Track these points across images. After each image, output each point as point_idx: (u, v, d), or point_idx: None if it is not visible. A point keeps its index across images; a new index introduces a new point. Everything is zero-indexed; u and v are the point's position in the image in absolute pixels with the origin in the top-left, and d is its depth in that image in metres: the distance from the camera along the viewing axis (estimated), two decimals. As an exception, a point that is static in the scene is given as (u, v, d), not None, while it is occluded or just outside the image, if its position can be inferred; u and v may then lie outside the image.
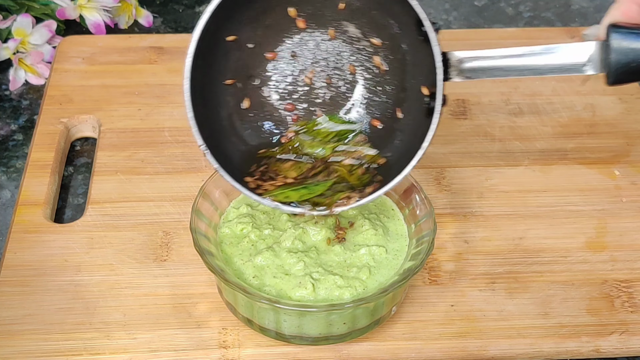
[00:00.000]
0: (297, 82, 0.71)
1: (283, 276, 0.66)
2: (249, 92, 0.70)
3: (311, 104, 0.72)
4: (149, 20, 1.04)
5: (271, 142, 0.71)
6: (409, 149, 0.66)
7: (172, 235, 0.76)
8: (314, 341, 0.67)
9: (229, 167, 0.67)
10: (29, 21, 0.94)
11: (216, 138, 0.67)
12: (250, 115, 0.71)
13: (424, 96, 0.66)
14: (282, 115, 0.71)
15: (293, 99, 0.71)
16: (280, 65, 0.71)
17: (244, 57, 0.69)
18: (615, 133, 0.88)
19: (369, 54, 0.70)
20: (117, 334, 0.68)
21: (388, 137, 0.70)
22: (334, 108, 0.71)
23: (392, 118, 0.70)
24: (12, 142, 0.89)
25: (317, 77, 0.71)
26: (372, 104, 0.71)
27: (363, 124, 0.71)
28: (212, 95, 0.68)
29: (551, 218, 0.79)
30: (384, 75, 0.70)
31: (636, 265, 0.75)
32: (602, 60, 0.64)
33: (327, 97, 0.71)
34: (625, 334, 0.70)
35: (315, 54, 0.70)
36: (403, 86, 0.69)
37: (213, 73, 0.68)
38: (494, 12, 1.10)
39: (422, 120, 0.66)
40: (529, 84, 0.93)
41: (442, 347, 0.68)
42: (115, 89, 0.91)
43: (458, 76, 0.65)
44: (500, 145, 0.86)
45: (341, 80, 0.71)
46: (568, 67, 0.65)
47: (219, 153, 0.66)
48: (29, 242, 0.75)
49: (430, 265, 0.74)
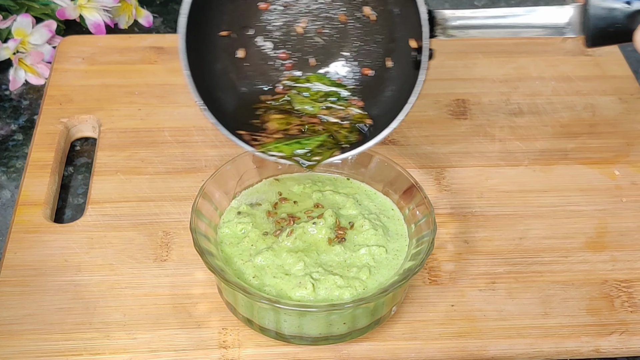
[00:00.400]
0: (290, 32, 0.72)
1: (283, 276, 0.66)
2: (243, 42, 0.72)
3: (304, 53, 0.73)
4: (149, 20, 1.04)
5: (265, 93, 0.72)
6: (397, 103, 0.67)
7: (172, 235, 0.76)
8: (314, 341, 0.67)
9: (224, 121, 0.68)
10: (29, 21, 0.94)
11: (212, 94, 0.69)
12: (246, 65, 0.72)
13: (412, 49, 0.68)
14: (276, 64, 0.72)
15: (287, 47, 0.72)
16: (273, 15, 0.72)
17: (238, 9, 0.70)
18: (615, 133, 0.88)
19: (359, 3, 0.71)
20: (117, 334, 0.68)
21: (378, 87, 0.71)
22: (327, 57, 0.73)
23: (382, 67, 0.71)
24: (12, 142, 0.89)
25: (310, 26, 0.72)
26: (362, 52, 0.72)
27: (352, 83, 0.72)
28: (207, 49, 0.69)
29: (551, 218, 0.79)
30: (374, 25, 0.71)
31: (636, 265, 0.75)
32: (581, 23, 0.65)
33: (320, 45, 0.72)
34: (625, 334, 0.69)
35: (307, 4, 0.71)
36: (392, 37, 0.70)
37: (207, 27, 0.69)
38: (494, 12, 1.10)
39: (410, 72, 0.67)
40: (529, 84, 0.93)
41: (442, 347, 0.68)
42: (116, 89, 0.91)
43: (443, 34, 0.67)
44: (500, 145, 0.86)
45: (333, 29, 0.72)
46: (548, 27, 0.67)
47: (214, 109, 0.68)
48: (29, 242, 0.75)
49: (430, 265, 0.74)
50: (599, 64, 0.95)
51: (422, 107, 0.89)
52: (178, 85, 0.91)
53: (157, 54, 0.95)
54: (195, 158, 0.83)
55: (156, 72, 0.93)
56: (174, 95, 0.90)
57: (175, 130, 0.86)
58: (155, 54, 0.95)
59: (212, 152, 0.83)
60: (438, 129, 0.87)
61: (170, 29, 1.05)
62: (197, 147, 0.84)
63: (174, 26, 1.05)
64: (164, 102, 0.89)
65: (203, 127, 0.86)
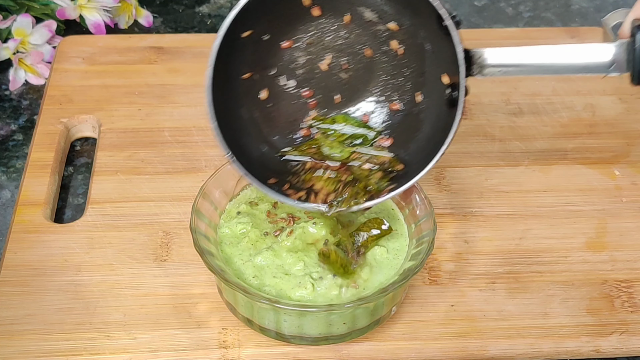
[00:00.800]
0: (314, 69, 0.70)
1: (283, 276, 0.66)
2: (266, 83, 0.70)
3: (329, 90, 0.71)
4: (149, 20, 1.04)
5: (292, 138, 0.71)
6: (429, 142, 0.66)
7: (172, 235, 0.76)
8: (314, 341, 0.67)
9: (252, 168, 0.66)
10: (29, 21, 0.94)
11: (238, 141, 0.67)
12: (269, 106, 0.70)
13: (443, 84, 0.66)
14: (300, 102, 0.71)
15: (311, 85, 0.70)
16: (296, 54, 0.70)
17: (260, 50, 0.68)
18: (615, 133, 0.88)
19: (386, 37, 0.69)
20: (117, 334, 0.68)
21: (407, 125, 0.69)
22: (353, 93, 0.71)
23: (411, 102, 0.69)
24: (12, 142, 0.89)
25: (334, 63, 0.70)
26: (389, 87, 0.70)
27: (381, 122, 0.71)
28: (231, 95, 0.68)
29: (551, 218, 0.79)
30: (401, 59, 0.69)
31: (636, 265, 0.75)
32: (628, 61, 0.63)
33: (345, 82, 0.71)
34: (625, 334, 0.70)
35: (331, 40, 0.69)
36: (421, 71, 0.69)
37: (230, 72, 0.67)
38: (494, 12, 1.10)
39: (442, 109, 0.66)
40: (529, 84, 0.93)
41: (442, 347, 0.68)
42: (116, 89, 0.91)
43: (480, 73, 0.65)
44: (500, 145, 0.86)
45: (359, 64, 0.70)
46: (592, 68, 0.64)
47: (241, 157, 0.66)
48: (29, 242, 0.75)
49: (430, 265, 0.74)
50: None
51: (422, 107, 0.89)
52: (178, 85, 0.91)
53: (157, 54, 0.95)
54: (195, 158, 0.83)
55: (156, 72, 0.93)
56: (174, 95, 0.90)
57: (175, 130, 0.86)
58: (155, 54, 0.95)
59: (212, 152, 0.83)
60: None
61: (170, 29, 1.05)
62: (197, 147, 0.84)
63: (174, 26, 1.05)
64: (164, 102, 0.89)
65: (203, 127, 0.86)
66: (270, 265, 0.67)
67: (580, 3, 1.12)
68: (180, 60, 0.95)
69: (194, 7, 1.09)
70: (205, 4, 1.09)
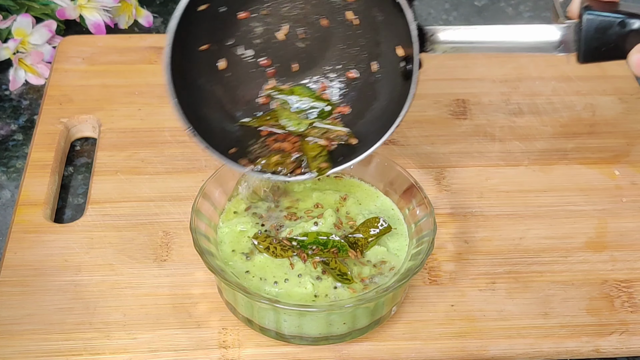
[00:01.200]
0: (271, 39, 0.71)
1: (283, 275, 0.66)
2: (224, 53, 0.70)
3: (287, 59, 0.71)
4: (149, 20, 1.04)
5: (251, 108, 0.71)
6: (385, 114, 0.67)
7: (172, 235, 0.76)
8: (314, 341, 0.67)
9: (215, 141, 0.67)
10: (29, 21, 0.94)
11: (198, 113, 0.68)
12: (228, 76, 0.70)
13: (398, 56, 0.67)
14: (258, 72, 0.71)
15: (268, 54, 0.71)
16: (253, 24, 0.70)
17: (217, 21, 0.69)
18: (615, 133, 0.88)
19: (341, 8, 0.69)
20: (117, 334, 0.68)
21: (364, 96, 0.70)
22: (310, 62, 0.71)
23: (367, 71, 0.70)
24: (12, 142, 0.89)
25: (291, 32, 0.70)
26: (346, 56, 0.71)
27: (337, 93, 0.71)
28: (189, 67, 0.68)
29: (551, 218, 0.79)
30: (357, 30, 0.70)
31: (636, 265, 0.75)
32: (574, 41, 0.65)
33: (302, 50, 0.71)
34: (625, 334, 0.70)
35: (287, 11, 0.70)
36: (377, 41, 0.69)
37: (188, 45, 0.67)
38: (494, 12, 1.10)
39: (397, 81, 0.67)
40: (529, 84, 0.93)
41: (442, 347, 0.68)
42: (116, 89, 0.91)
43: (433, 50, 0.66)
44: (500, 145, 0.86)
45: (315, 34, 0.71)
46: (541, 47, 0.66)
47: (203, 129, 0.67)
48: (29, 242, 0.75)
49: (430, 265, 0.74)
50: (599, 64, 0.95)
51: (422, 107, 0.89)
52: (178, 85, 0.91)
53: (157, 54, 0.95)
54: (195, 158, 0.83)
55: (156, 72, 0.93)
56: (174, 95, 0.90)
57: (175, 130, 0.86)
58: (155, 54, 0.95)
59: (212, 152, 0.83)
60: (438, 129, 0.87)
61: (170, 29, 1.05)
62: (197, 147, 0.84)
63: (174, 26, 1.05)
64: (164, 102, 0.89)
65: (203, 127, 0.86)
66: (270, 265, 0.67)
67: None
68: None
69: (194, 7, 1.09)
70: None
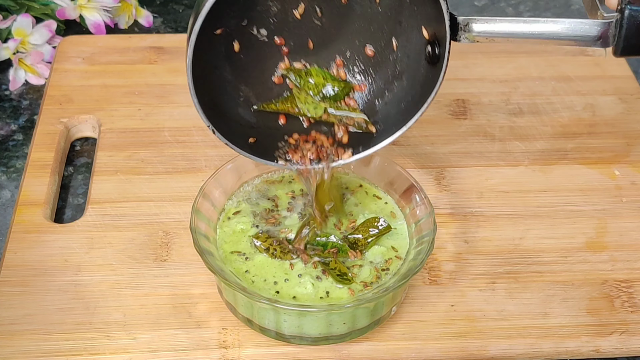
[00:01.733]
0: (287, 17, 0.69)
1: (283, 275, 0.66)
2: (237, 35, 0.68)
3: (303, 37, 0.70)
4: (149, 20, 1.04)
5: (267, 90, 0.70)
6: (406, 101, 0.66)
7: (172, 235, 0.76)
8: (314, 341, 0.67)
9: (234, 134, 0.67)
10: (29, 21, 0.94)
11: (215, 101, 0.67)
12: (243, 57, 0.69)
13: (423, 37, 0.66)
14: (273, 50, 0.70)
15: (283, 33, 0.69)
16: (269, 2, 0.68)
17: (231, 3, 0.67)
18: (615, 133, 0.88)
19: None
20: (117, 334, 0.68)
21: (384, 74, 0.69)
22: (327, 40, 0.70)
23: (386, 50, 0.69)
24: (12, 142, 0.89)
25: (307, 10, 0.69)
26: (364, 34, 0.69)
27: (355, 76, 0.70)
28: (206, 57, 0.66)
29: (551, 218, 0.79)
30: (378, 6, 0.68)
31: (636, 265, 0.75)
32: (613, 36, 0.64)
33: (319, 29, 0.69)
34: (625, 334, 0.70)
35: None
36: (398, 20, 0.68)
37: (205, 35, 0.64)
38: (494, 12, 1.10)
39: (421, 64, 0.65)
40: (529, 84, 0.93)
41: (442, 347, 0.68)
42: (116, 89, 0.91)
43: (466, 38, 0.66)
44: (500, 145, 0.86)
45: (333, 11, 0.69)
46: (579, 40, 0.65)
47: (222, 124, 0.66)
48: (29, 242, 0.75)
49: (430, 265, 0.74)
50: (599, 64, 0.95)
51: (422, 107, 0.89)
52: (178, 85, 0.91)
53: (157, 54, 0.95)
54: (195, 158, 0.83)
55: (156, 72, 0.93)
56: (174, 95, 0.90)
57: (175, 130, 0.86)
58: (155, 54, 0.95)
59: (212, 152, 0.83)
60: (438, 129, 0.87)
61: (170, 29, 1.05)
62: (197, 147, 0.84)
63: (174, 26, 1.05)
64: (164, 102, 0.89)
65: (203, 127, 0.85)
66: (270, 265, 0.67)
67: (580, 3, 1.12)
68: (180, 60, 0.94)
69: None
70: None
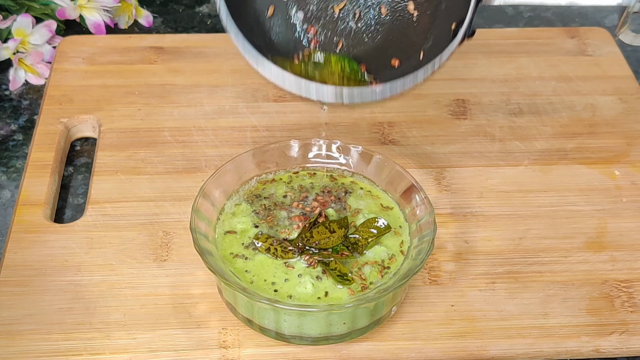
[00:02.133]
0: (326, 9, 0.69)
1: (283, 275, 0.66)
2: (277, 4, 0.69)
3: (334, 33, 0.70)
4: (149, 20, 1.04)
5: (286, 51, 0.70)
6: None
7: (172, 235, 0.76)
8: (314, 341, 0.67)
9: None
10: (29, 21, 0.94)
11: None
12: (270, 23, 0.69)
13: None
14: (301, 37, 0.70)
15: (317, 23, 0.70)
16: None
17: None
18: (615, 133, 0.88)
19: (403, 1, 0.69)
20: (117, 334, 0.68)
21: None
22: (357, 42, 0.70)
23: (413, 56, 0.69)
24: (12, 142, 0.89)
25: (347, 9, 0.69)
26: (396, 46, 0.70)
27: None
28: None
29: (551, 218, 0.79)
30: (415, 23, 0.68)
31: (636, 265, 0.75)
32: None
33: (352, 30, 0.70)
34: (625, 334, 0.70)
35: None
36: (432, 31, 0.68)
37: None
38: (494, 12, 1.10)
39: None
40: (529, 83, 0.93)
41: (442, 347, 0.68)
42: (115, 89, 0.91)
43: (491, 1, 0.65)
44: (500, 145, 0.86)
45: (370, 14, 0.69)
46: None
47: None
48: (29, 242, 0.75)
49: (430, 265, 0.74)
50: (599, 64, 0.95)
51: (422, 107, 0.89)
52: (178, 85, 0.91)
53: (157, 54, 0.95)
54: (195, 158, 0.83)
55: (156, 72, 0.93)
56: (174, 95, 0.90)
57: (175, 130, 0.86)
58: (155, 54, 0.95)
59: (212, 152, 0.84)
60: (438, 129, 0.87)
61: (170, 29, 1.05)
62: (197, 147, 0.84)
63: (174, 26, 1.05)
64: (164, 102, 0.89)
65: (203, 127, 0.86)
66: (270, 265, 0.67)
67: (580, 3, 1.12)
68: (180, 60, 0.95)
69: (194, 7, 1.09)
70: (205, 4, 1.09)
